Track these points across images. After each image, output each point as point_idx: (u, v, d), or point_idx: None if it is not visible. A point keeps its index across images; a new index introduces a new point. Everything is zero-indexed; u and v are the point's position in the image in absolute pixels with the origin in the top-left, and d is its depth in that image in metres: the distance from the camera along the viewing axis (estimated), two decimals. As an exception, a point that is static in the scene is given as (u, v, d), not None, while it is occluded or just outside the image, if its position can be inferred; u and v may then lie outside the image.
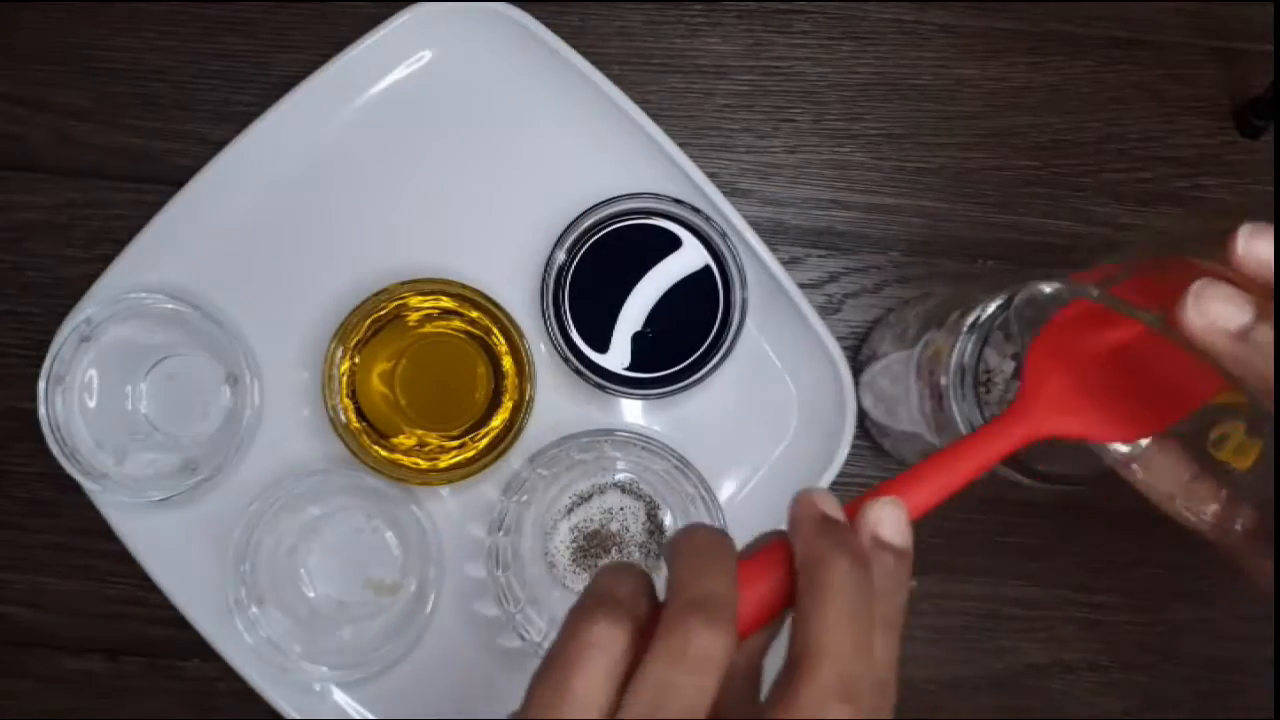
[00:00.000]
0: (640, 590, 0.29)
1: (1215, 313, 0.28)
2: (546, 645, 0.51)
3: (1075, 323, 0.34)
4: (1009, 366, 0.50)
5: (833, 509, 0.30)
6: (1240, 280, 0.29)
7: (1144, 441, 0.35)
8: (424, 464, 0.53)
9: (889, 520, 0.30)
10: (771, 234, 0.56)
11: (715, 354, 0.52)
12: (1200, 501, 0.35)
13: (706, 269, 0.53)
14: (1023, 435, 0.32)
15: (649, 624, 0.28)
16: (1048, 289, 0.32)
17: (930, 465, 0.31)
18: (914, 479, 0.31)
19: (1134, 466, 0.35)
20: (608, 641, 0.28)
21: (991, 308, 0.43)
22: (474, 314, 0.53)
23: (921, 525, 0.60)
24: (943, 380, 0.43)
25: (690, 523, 0.36)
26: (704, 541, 0.30)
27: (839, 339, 0.54)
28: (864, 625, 0.27)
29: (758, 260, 0.53)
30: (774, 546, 0.30)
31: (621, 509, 0.55)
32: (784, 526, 0.53)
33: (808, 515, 0.29)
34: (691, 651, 0.26)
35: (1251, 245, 0.28)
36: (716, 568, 0.29)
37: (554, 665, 0.29)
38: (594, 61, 0.53)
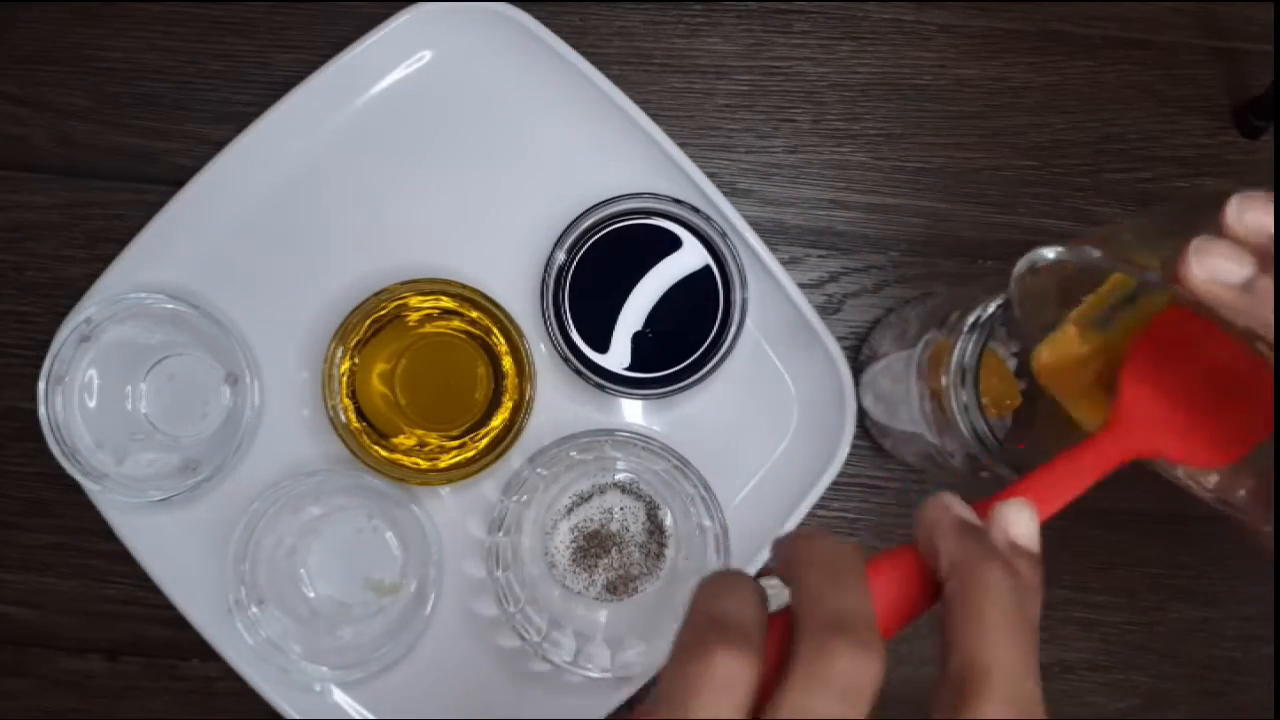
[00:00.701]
0: (761, 609, 0.27)
1: (1216, 267, 0.28)
2: (546, 645, 0.51)
3: (1169, 336, 0.34)
4: (1012, 364, 0.50)
5: (969, 513, 0.28)
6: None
7: None
8: (424, 464, 0.53)
9: (1023, 523, 0.28)
10: (771, 234, 0.56)
11: (715, 354, 0.52)
12: (1203, 472, 0.35)
13: (706, 269, 0.53)
14: (1116, 459, 0.31)
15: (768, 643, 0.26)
16: (1050, 254, 0.32)
17: (1010, 490, 0.30)
18: (998, 499, 0.30)
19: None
20: (734, 677, 0.24)
21: (992, 307, 0.43)
22: (474, 314, 0.53)
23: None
24: (943, 380, 0.43)
25: (803, 528, 0.32)
26: (832, 551, 0.27)
27: (839, 339, 0.54)
28: (1027, 638, 0.25)
29: (758, 260, 0.53)
30: (900, 553, 0.28)
31: (621, 509, 0.55)
32: (784, 529, 0.54)
33: (947, 519, 0.28)
34: (838, 679, 0.24)
35: (1242, 214, 0.29)
36: (850, 581, 0.26)
37: (674, 705, 0.25)
38: (594, 61, 0.53)
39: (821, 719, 0.24)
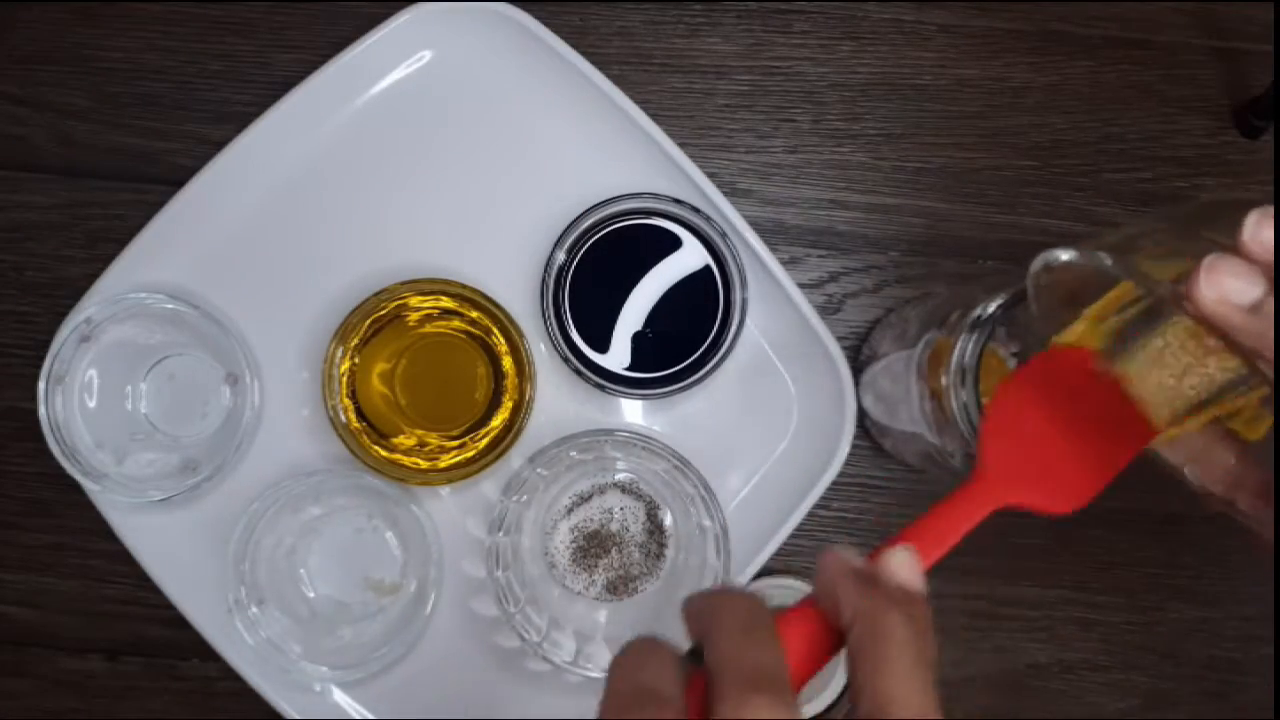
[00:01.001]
0: (678, 674, 0.28)
1: (1227, 287, 0.28)
2: (546, 645, 0.51)
3: (1022, 389, 0.36)
4: (1012, 364, 0.50)
5: (862, 563, 0.30)
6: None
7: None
8: (424, 464, 0.53)
9: (907, 568, 0.30)
10: (771, 234, 0.56)
11: (715, 354, 0.52)
12: (1209, 469, 0.35)
13: (706, 269, 0.53)
14: (983, 511, 0.33)
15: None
16: (1064, 255, 0.32)
17: (896, 540, 0.32)
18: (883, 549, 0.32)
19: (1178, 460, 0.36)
20: None
21: (992, 307, 0.43)
22: (474, 314, 0.53)
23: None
24: (943, 380, 0.43)
25: (707, 589, 0.34)
26: (743, 608, 0.28)
27: (839, 339, 0.54)
28: (927, 674, 0.27)
29: (758, 260, 0.53)
30: (802, 606, 0.30)
31: (621, 509, 0.55)
32: (783, 531, 0.54)
33: (844, 570, 0.29)
34: None
35: (1259, 231, 0.28)
36: (762, 636, 0.27)
37: None
38: (594, 61, 0.53)
39: None
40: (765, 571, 0.54)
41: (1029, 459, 0.35)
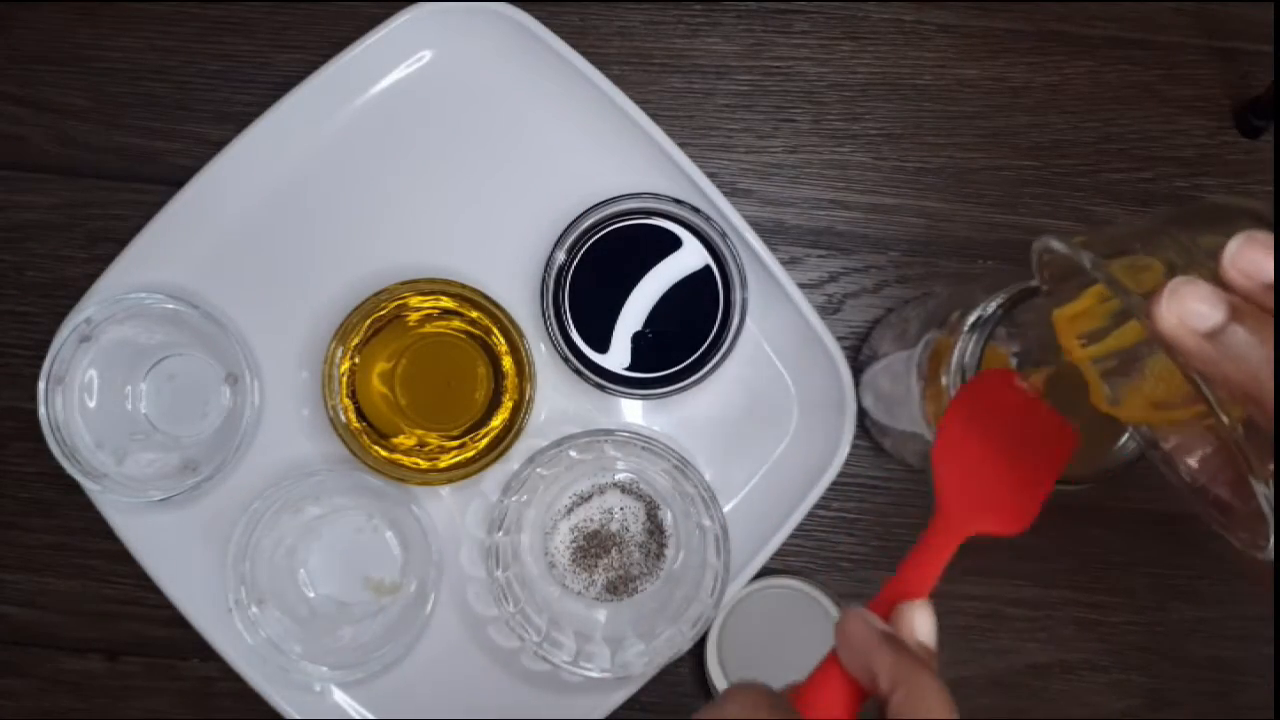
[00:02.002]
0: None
1: (1188, 311, 0.27)
2: (546, 645, 0.51)
3: (958, 421, 0.38)
4: (1012, 363, 0.50)
5: (883, 624, 0.33)
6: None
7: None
8: (424, 464, 0.53)
9: (924, 623, 0.33)
10: (771, 234, 0.56)
11: (715, 354, 0.52)
12: (1189, 451, 0.36)
13: (706, 269, 0.53)
14: (950, 549, 0.36)
15: None
16: (1056, 246, 0.33)
17: (892, 588, 0.35)
18: (884, 598, 0.35)
19: (1167, 446, 0.37)
20: None
21: (992, 307, 0.43)
22: (474, 314, 0.53)
23: (922, 525, 0.60)
24: (943, 380, 0.43)
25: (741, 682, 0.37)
26: (755, 698, 0.32)
27: (839, 339, 0.54)
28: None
29: (758, 260, 0.53)
30: (828, 669, 0.33)
31: (621, 509, 0.55)
32: (783, 531, 0.54)
33: (875, 639, 0.32)
34: None
35: (1239, 256, 0.27)
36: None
37: None
38: (594, 61, 0.53)
39: None
40: (765, 571, 0.54)
41: (980, 487, 0.37)
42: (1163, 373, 0.36)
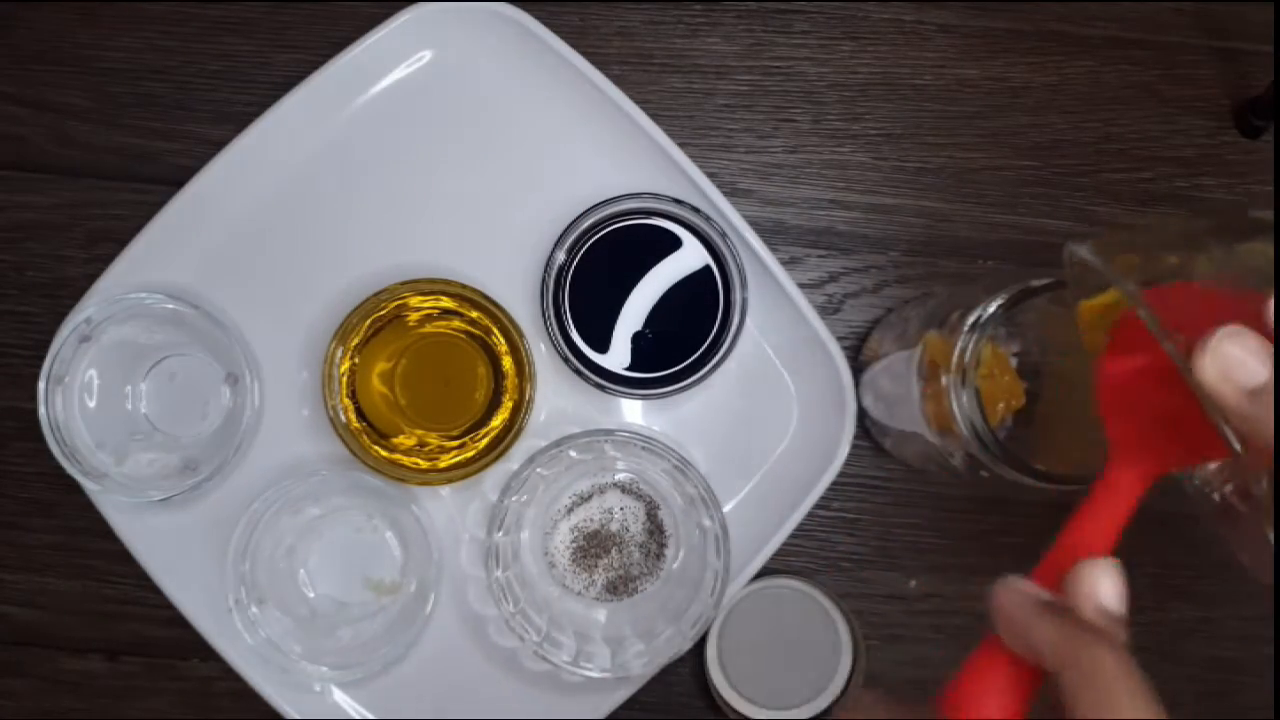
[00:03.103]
0: None
1: (1232, 364, 0.26)
2: (546, 645, 0.51)
3: (1122, 362, 0.33)
4: (1012, 363, 0.50)
5: (1043, 592, 0.28)
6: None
7: None
8: (424, 464, 0.53)
9: (1109, 585, 0.28)
10: (771, 234, 0.56)
11: (715, 354, 0.52)
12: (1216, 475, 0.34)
13: (706, 269, 0.53)
14: (1138, 486, 0.31)
15: None
16: (1083, 253, 0.31)
17: (1061, 545, 0.30)
18: (1051, 560, 0.29)
19: None
20: None
21: (992, 307, 0.43)
22: (474, 314, 0.53)
23: (922, 525, 0.60)
24: (943, 380, 0.43)
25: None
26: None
27: (839, 339, 0.54)
28: (1152, 704, 0.26)
29: (758, 260, 0.53)
30: (989, 648, 0.28)
31: (621, 509, 0.55)
32: (783, 531, 0.54)
33: (1035, 607, 0.27)
34: None
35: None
36: None
37: None
38: (594, 61, 0.53)
39: None
40: (765, 571, 0.54)
41: (1153, 421, 0.32)
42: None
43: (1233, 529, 0.33)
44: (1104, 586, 0.28)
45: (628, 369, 0.53)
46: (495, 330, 0.53)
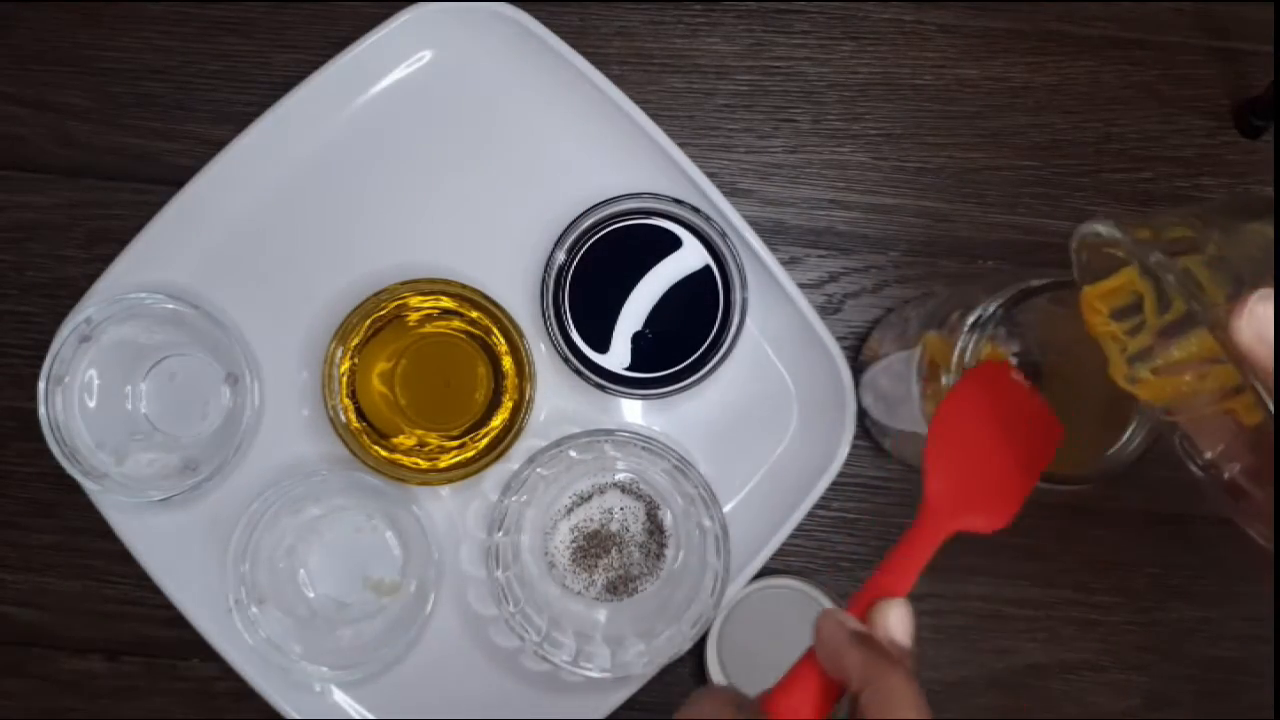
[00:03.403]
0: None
1: (1267, 325, 0.27)
2: (546, 645, 0.51)
3: (955, 415, 0.39)
4: (1012, 363, 0.50)
5: (857, 624, 0.34)
6: None
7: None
8: (424, 464, 0.53)
9: (899, 621, 0.34)
10: (771, 234, 0.56)
11: (715, 354, 0.52)
12: (1210, 437, 0.36)
13: (706, 269, 0.53)
14: (933, 544, 0.36)
15: None
16: (1101, 229, 0.32)
17: (872, 584, 0.35)
18: (864, 595, 0.35)
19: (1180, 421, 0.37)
20: None
21: (992, 307, 0.43)
22: (474, 314, 0.53)
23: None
24: (943, 380, 0.43)
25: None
26: (719, 700, 0.34)
27: (839, 339, 0.54)
28: (927, 714, 0.31)
29: (758, 260, 0.53)
30: (805, 665, 0.34)
31: (621, 509, 0.55)
32: (783, 531, 0.54)
33: (847, 638, 0.33)
34: None
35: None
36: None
37: None
38: (594, 61, 0.53)
39: None
40: (765, 571, 0.54)
41: (966, 484, 0.38)
42: (1196, 357, 0.35)
43: (1241, 506, 0.34)
44: (894, 622, 0.34)
45: (628, 369, 0.53)
46: (495, 330, 0.53)
